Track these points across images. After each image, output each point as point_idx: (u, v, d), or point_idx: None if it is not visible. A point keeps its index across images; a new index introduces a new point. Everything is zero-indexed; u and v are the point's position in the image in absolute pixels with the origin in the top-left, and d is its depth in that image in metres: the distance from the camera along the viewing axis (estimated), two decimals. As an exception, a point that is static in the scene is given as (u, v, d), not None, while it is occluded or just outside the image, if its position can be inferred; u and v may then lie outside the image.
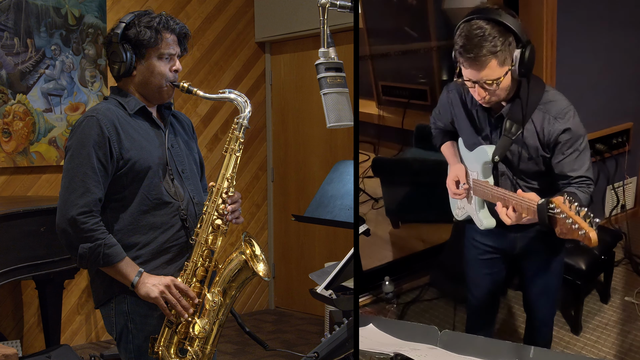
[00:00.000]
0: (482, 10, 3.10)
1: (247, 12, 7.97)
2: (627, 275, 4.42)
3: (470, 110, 3.39)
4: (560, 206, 2.72)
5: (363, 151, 4.58)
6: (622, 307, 4.29)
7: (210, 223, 3.20)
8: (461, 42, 3.05)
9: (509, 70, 3.06)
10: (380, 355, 2.62)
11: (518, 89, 3.17)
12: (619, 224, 4.49)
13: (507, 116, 3.19)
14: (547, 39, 4.08)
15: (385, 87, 4.63)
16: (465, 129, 3.47)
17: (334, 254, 7.46)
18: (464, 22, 3.08)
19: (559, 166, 3.17)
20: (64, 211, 3.07)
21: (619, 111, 4.34)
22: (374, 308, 4.41)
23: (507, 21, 3.03)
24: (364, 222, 4.16)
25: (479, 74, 3.06)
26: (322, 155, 7.68)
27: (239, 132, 3.26)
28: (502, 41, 3.01)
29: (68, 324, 6.58)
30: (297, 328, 7.36)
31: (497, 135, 3.28)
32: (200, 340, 3.17)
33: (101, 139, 3.09)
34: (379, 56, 4.55)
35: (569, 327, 4.22)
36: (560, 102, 3.18)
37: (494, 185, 3.28)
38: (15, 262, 5.00)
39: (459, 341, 2.70)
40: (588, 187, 3.16)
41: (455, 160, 3.55)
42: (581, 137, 3.14)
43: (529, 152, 3.22)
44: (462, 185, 3.45)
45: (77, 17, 6.56)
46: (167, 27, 3.22)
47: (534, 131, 3.18)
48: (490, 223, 3.42)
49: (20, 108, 6.25)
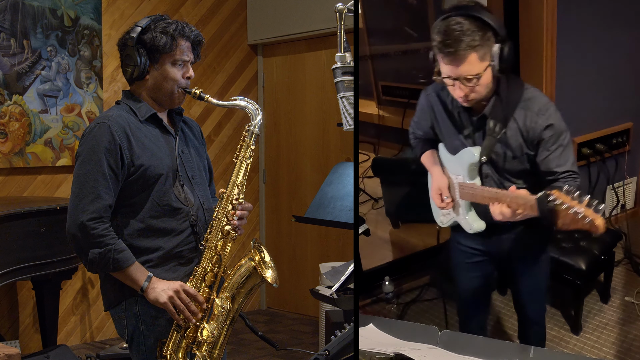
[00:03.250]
0: (459, 7, 3.04)
1: (239, 15, 7.93)
2: (627, 275, 4.42)
3: (452, 111, 3.31)
4: (561, 197, 2.64)
5: (363, 151, 4.56)
6: (622, 307, 4.29)
7: (220, 229, 3.17)
8: (440, 37, 2.99)
9: (489, 65, 3.01)
10: (380, 355, 2.57)
11: (498, 86, 3.12)
12: (619, 224, 4.48)
13: (490, 115, 3.13)
14: (547, 39, 4.07)
15: (385, 87, 4.61)
16: (447, 132, 3.39)
17: (326, 255, 7.43)
18: (441, 20, 3.02)
19: (545, 162, 3.11)
20: (75, 217, 3.03)
21: (619, 111, 4.33)
22: (373, 308, 4.37)
23: (485, 16, 2.98)
24: (364, 222, 4.13)
25: (458, 69, 2.99)
26: (314, 157, 7.64)
27: (250, 139, 3.23)
28: (480, 35, 2.96)
29: (63, 324, 6.51)
30: (289, 328, 7.31)
31: (481, 135, 3.22)
32: (209, 344, 3.15)
33: (112, 146, 3.05)
34: (379, 56, 4.52)
35: (569, 327, 4.22)
36: (540, 99, 3.13)
37: (484, 186, 3.22)
38: (15, 262, 4.97)
39: (459, 341, 2.66)
40: (575, 181, 3.09)
41: (436, 171, 3.48)
42: (564, 132, 3.09)
43: (514, 151, 3.16)
44: (445, 198, 3.39)
45: (72, 18, 6.50)
46: (183, 34, 3.20)
47: (517, 129, 3.12)
48: (479, 226, 3.35)
49: (16, 109, 6.19)
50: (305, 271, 7.65)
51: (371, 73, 4.59)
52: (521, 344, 2.61)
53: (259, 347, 6.49)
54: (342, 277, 3.63)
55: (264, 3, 7.82)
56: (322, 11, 7.04)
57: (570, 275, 4.08)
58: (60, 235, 5.24)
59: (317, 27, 7.24)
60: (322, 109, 7.50)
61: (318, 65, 7.54)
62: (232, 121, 7.75)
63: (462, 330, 3.81)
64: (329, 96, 7.40)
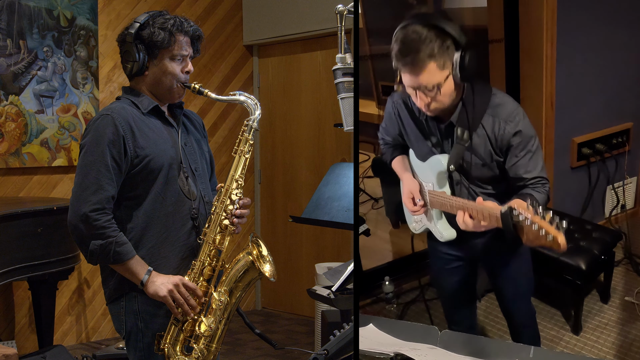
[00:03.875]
0: (418, 15, 2.98)
1: (235, 16, 7.92)
2: (627, 275, 4.42)
3: (419, 119, 3.26)
4: (523, 210, 2.58)
5: (363, 151, 4.53)
6: (622, 307, 4.29)
7: (218, 223, 3.18)
8: (397, 46, 2.93)
9: (450, 74, 2.93)
10: (380, 355, 2.58)
11: (463, 94, 3.06)
12: (619, 224, 4.48)
13: (457, 123, 3.08)
14: (547, 39, 4.05)
15: (385, 87, 4.58)
16: (415, 139, 3.35)
17: (321, 256, 7.43)
18: (400, 28, 2.96)
19: (513, 169, 3.07)
20: (77, 207, 3.04)
21: (619, 111, 4.32)
22: (373, 308, 4.36)
23: (444, 25, 2.91)
24: (364, 222, 4.11)
25: (417, 79, 2.92)
26: (309, 157, 7.63)
27: (249, 134, 3.25)
28: (439, 44, 2.88)
29: (59, 324, 6.48)
30: (285, 328, 7.30)
31: (449, 143, 3.18)
32: (206, 338, 3.16)
33: (116, 138, 3.06)
34: (379, 56, 4.48)
35: (569, 327, 4.21)
36: (508, 105, 3.08)
37: (452, 196, 3.17)
38: (12, 263, 4.95)
39: (459, 341, 2.67)
40: (544, 187, 3.06)
41: (407, 176, 3.42)
42: (532, 138, 3.05)
43: (483, 158, 3.12)
44: (417, 201, 3.34)
45: (69, 19, 6.48)
46: (181, 29, 3.20)
47: (485, 136, 3.08)
48: (450, 234, 3.32)
49: (12, 109, 6.16)
50: (301, 271, 7.63)
51: (371, 73, 4.57)
52: (521, 344, 2.59)
53: (255, 347, 6.47)
54: (342, 276, 3.62)
55: (260, 4, 7.81)
56: (318, 12, 7.04)
57: (570, 275, 4.06)
58: (57, 235, 5.26)
59: (312, 28, 7.24)
60: (317, 110, 7.49)
61: (313, 66, 7.52)
62: (227, 121, 7.70)
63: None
64: (324, 97, 7.40)
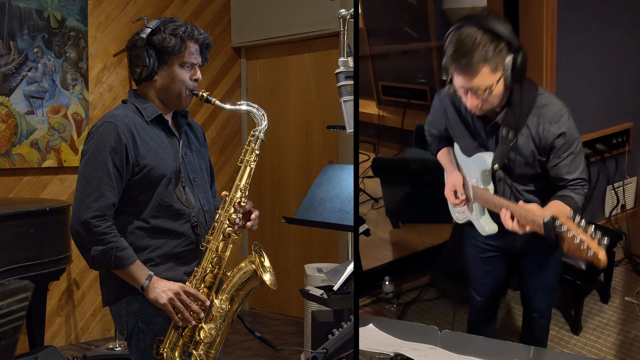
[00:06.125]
0: (472, 17, 2.98)
1: (223, 18, 7.86)
2: (627, 275, 4.43)
3: (465, 117, 3.26)
4: (567, 223, 2.60)
5: (363, 151, 4.51)
6: (622, 307, 4.29)
7: (221, 231, 3.17)
8: (452, 49, 2.93)
9: (502, 76, 2.93)
10: (380, 355, 2.54)
11: (511, 94, 3.05)
12: (619, 224, 4.46)
13: (503, 123, 3.08)
14: (547, 39, 4.05)
15: (385, 87, 4.58)
16: (461, 136, 3.35)
17: (309, 256, 7.40)
18: (454, 29, 2.97)
19: (555, 169, 3.09)
20: (78, 214, 3.03)
21: (619, 111, 4.31)
22: (373, 308, 4.31)
23: (498, 27, 2.91)
24: (364, 222, 4.09)
25: (471, 81, 2.93)
26: (297, 159, 7.60)
27: (255, 144, 3.28)
28: (493, 48, 2.89)
29: (48, 325, 6.39)
30: (273, 329, 7.24)
31: (494, 141, 3.18)
32: (205, 344, 3.14)
33: (118, 145, 3.04)
34: (379, 56, 4.47)
35: (569, 327, 4.20)
36: (554, 106, 3.07)
37: (495, 195, 3.18)
38: (5, 264, 4.88)
39: (459, 341, 2.63)
40: (583, 189, 3.09)
41: (452, 168, 3.43)
42: (576, 140, 3.07)
43: (526, 158, 3.12)
44: (460, 195, 3.36)
45: (59, 20, 6.39)
46: (192, 36, 3.19)
47: (529, 136, 3.08)
48: (492, 229, 3.33)
49: (2, 110, 6.06)
50: (289, 272, 7.57)
51: (371, 73, 4.55)
52: (521, 344, 2.55)
53: (245, 348, 6.42)
54: (343, 276, 3.62)
55: (248, 6, 7.76)
56: (306, 15, 7.02)
57: (570, 275, 4.05)
58: (50, 236, 5.20)
59: (300, 31, 7.21)
60: (305, 112, 7.44)
61: (301, 68, 7.47)
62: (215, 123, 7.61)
63: (471, 324, 3.82)
64: (312, 99, 7.36)
